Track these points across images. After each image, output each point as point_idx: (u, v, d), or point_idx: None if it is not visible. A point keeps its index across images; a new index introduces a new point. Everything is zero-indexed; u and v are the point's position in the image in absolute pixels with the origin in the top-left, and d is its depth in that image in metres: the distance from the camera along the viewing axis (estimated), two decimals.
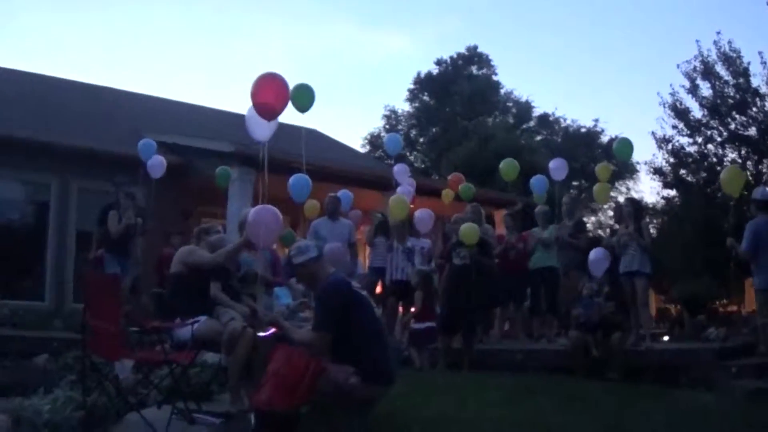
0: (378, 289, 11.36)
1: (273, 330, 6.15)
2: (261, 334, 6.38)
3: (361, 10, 68.71)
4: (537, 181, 12.20)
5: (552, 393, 6.93)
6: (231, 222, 12.83)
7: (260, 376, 5.01)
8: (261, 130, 8.10)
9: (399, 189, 11.62)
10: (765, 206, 8.96)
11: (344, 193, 11.42)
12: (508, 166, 12.66)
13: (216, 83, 70.55)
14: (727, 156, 13.69)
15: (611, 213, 10.72)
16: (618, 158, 17.70)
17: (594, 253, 9.44)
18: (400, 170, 12.37)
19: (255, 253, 7.18)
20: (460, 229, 9.78)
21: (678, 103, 14.75)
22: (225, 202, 13.34)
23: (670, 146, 16.57)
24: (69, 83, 19.66)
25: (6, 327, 11.11)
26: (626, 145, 11.41)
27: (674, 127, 14.89)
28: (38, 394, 5.51)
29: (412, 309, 10.57)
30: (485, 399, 6.47)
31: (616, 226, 10.51)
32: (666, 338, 12.26)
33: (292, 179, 9.81)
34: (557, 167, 12.16)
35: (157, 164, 11.79)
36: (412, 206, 11.59)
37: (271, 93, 7.33)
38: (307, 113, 9.43)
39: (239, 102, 74.22)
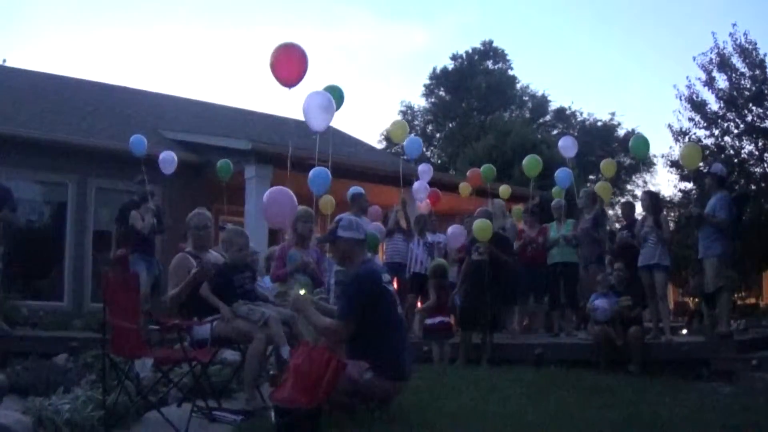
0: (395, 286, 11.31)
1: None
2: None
3: (379, 3, 68.82)
4: (562, 173, 11.98)
5: (573, 386, 6.90)
6: (249, 219, 12.84)
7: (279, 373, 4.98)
8: (317, 122, 8.53)
9: (415, 185, 11.62)
10: (723, 182, 9.61)
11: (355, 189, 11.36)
12: (530, 162, 12.38)
13: (234, 81, 70.82)
14: (744, 148, 13.53)
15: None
16: (634, 155, 17.54)
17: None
18: (424, 169, 12.30)
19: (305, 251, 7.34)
20: (473, 226, 9.73)
21: (694, 96, 14.63)
22: (243, 200, 13.35)
23: (686, 139, 16.50)
24: (86, 83, 19.74)
25: (25, 327, 11.14)
26: (642, 142, 11.22)
27: (691, 119, 14.78)
28: (58, 394, 5.52)
29: (420, 302, 10.71)
30: (507, 393, 6.44)
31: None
32: (684, 331, 12.19)
33: (312, 173, 9.78)
34: (566, 146, 12.00)
35: (169, 160, 11.67)
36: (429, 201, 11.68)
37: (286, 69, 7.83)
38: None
39: (256, 99, 74.71)
